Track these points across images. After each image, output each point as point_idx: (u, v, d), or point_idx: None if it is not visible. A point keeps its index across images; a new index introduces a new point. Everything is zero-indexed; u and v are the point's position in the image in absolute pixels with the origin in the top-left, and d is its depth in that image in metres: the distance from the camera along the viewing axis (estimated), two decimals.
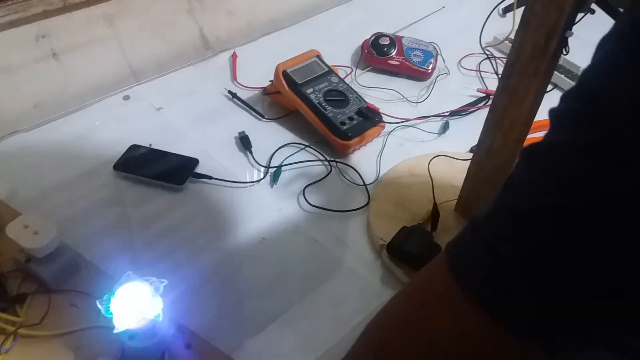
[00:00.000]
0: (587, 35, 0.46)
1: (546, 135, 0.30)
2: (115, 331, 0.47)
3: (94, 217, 0.70)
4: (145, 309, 0.47)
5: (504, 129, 0.59)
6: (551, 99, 0.97)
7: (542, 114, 0.84)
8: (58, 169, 0.76)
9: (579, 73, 0.97)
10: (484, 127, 0.62)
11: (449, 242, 0.34)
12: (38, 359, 0.54)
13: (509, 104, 0.58)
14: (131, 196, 0.73)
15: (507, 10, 0.54)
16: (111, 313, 0.47)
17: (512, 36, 0.58)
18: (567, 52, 0.53)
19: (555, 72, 0.95)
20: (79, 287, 0.59)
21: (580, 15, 0.50)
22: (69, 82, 0.88)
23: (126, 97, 0.90)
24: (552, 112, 0.31)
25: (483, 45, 1.04)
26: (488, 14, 0.55)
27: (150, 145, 0.79)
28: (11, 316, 0.55)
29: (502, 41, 0.86)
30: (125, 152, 0.77)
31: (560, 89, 0.97)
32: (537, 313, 0.29)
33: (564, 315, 0.28)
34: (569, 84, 0.96)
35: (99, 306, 0.47)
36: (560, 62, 0.96)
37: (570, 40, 0.51)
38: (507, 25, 0.95)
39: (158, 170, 0.75)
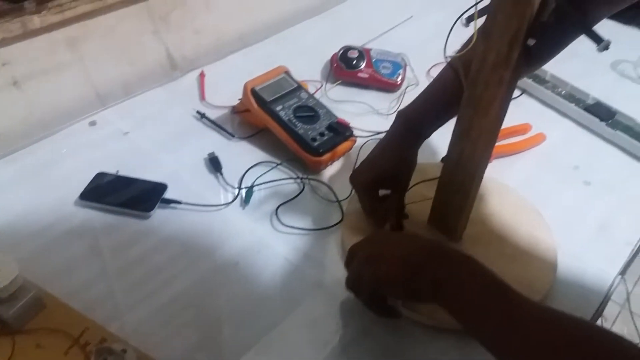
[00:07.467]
0: None
1: None
2: None
3: (59, 250, 0.68)
4: None
5: (472, 138, 0.59)
6: (519, 105, 0.98)
7: (510, 121, 0.84)
8: (21, 201, 0.74)
9: (546, 78, 0.98)
10: (451, 138, 0.61)
11: None
12: None
13: (474, 114, 0.57)
14: (99, 226, 0.71)
15: (470, 20, 0.54)
16: None
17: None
18: (531, 60, 0.53)
19: (525, 78, 0.96)
20: (45, 326, 0.57)
21: None
22: (32, 110, 0.86)
23: (92, 123, 0.88)
24: None
25: (451, 55, 1.04)
26: (452, 24, 0.55)
27: (117, 171, 0.77)
28: None
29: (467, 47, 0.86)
30: (91, 181, 0.75)
31: (529, 94, 0.98)
32: None
33: None
34: (537, 89, 0.97)
35: None
36: None
37: None
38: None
39: (125, 197, 0.73)
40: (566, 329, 0.45)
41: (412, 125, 0.67)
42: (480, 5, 0.52)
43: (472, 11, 0.52)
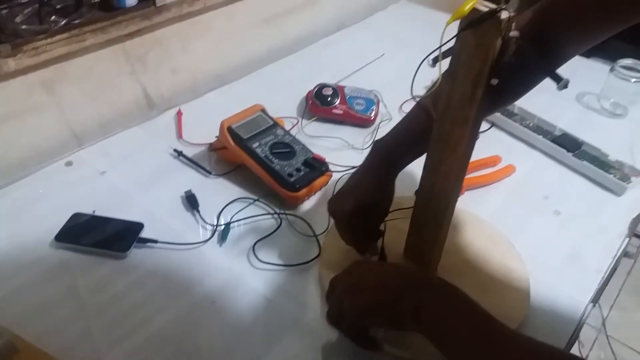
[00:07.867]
0: None
1: None
2: None
3: (34, 292, 0.67)
4: None
5: (442, 172, 0.61)
6: (489, 137, 1.00)
7: (480, 154, 0.87)
8: None
9: (514, 111, 1.01)
10: (423, 172, 0.63)
11: None
12: None
13: (443, 149, 0.59)
14: (75, 267, 0.70)
15: (436, 60, 0.56)
16: None
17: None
18: (495, 99, 0.55)
19: None
20: None
21: None
22: (7, 151, 0.86)
23: (69, 163, 0.88)
24: None
25: (422, 92, 1.07)
26: (419, 63, 0.57)
27: (93, 211, 0.77)
28: None
29: (432, 88, 0.89)
30: (67, 222, 0.75)
31: (498, 127, 1.01)
32: None
33: None
34: (506, 122, 1.00)
35: None
36: None
37: None
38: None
39: (101, 238, 0.73)
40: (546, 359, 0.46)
41: (387, 154, 0.68)
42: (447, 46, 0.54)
43: (437, 52, 0.55)
